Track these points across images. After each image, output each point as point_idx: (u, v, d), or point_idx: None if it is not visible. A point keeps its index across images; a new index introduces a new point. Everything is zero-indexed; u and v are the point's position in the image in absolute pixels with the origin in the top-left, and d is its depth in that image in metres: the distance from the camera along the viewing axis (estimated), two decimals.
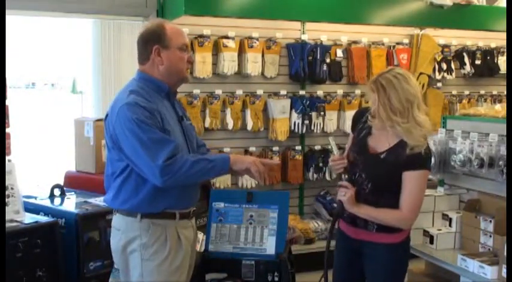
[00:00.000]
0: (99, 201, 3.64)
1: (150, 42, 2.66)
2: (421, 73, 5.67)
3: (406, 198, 2.78)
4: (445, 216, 3.65)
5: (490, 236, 3.33)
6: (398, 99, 2.70)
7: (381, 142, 2.86)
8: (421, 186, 2.80)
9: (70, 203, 3.77)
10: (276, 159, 5.07)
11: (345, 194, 2.83)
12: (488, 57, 6.05)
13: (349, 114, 5.32)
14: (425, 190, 2.88)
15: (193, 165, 2.53)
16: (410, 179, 2.76)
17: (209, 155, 2.67)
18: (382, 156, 2.83)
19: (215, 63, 5.00)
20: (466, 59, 5.94)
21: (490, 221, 3.34)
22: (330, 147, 3.03)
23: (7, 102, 3.40)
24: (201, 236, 3.35)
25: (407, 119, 2.72)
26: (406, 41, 5.71)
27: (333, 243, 3.02)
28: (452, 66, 5.93)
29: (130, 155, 2.55)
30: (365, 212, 2.84)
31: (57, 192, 3.91)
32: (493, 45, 6.08)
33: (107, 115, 2.68)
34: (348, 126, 5.03)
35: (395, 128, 2.74)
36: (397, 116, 2.71)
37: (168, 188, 2.57)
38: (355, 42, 5.50)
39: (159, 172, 2.48)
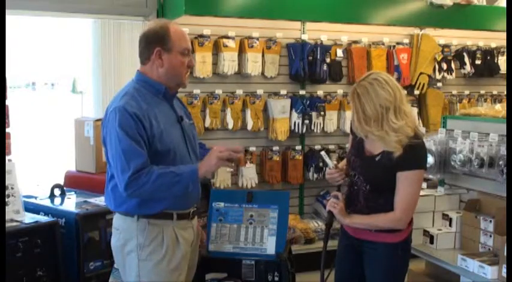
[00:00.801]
0: (99, 201, 3.64)
1: (153, 43, 2.65)
2: (421, 73, 5.67)
3: (399, 199, 2.79)
4: (445, 216, 3.65)
5: (490, 236, 3.33)
6: (373, 106, 2.72)
7: (375, 145, 2.88)
8: (413, 185, 2.80)
9: (70, 203, 3.77)
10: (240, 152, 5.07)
11: (335, 207, 2.85)
12: (489, 57, 6.05)
13: (349, 114, 5.31)
14: (419, 189, 2.88)
15: (157, 179, 2.51)
16: (403, 179, 2.78)
17: (178, 167, 2.62)
18: (377, 158, 2.86)
19: (215, 63, 5.00)
20: (466, 59, 5.94)
21: (490, 221, 3.34)
22: (321, 162, 3.03)
23: (7, 102, 3.40)
24: None
25: (382, 126, 2.73)
26: (406, 40, 5.71)
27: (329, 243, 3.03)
28: (453, 66, 5.93)
29: (110, 160, 2.59)
30: (358, 221, 2.87)
31: (57, 192, 3.91)
32: (493, 45, 6.08)
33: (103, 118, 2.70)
34: (347, 126, 5.03)
35: (370, 137, 2.78)
36: (370, 126, 2.73)
37: (135, 198, 2.58)
38: (355, 42, 5.50)
39: (125, 185, 2.50)
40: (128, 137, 2.50)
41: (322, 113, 5.31)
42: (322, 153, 3.11)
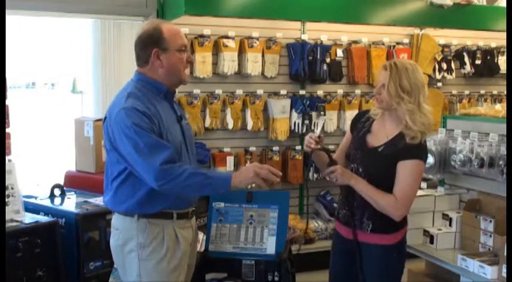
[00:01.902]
0: (99, 201, 3.64)
1: (149, 46, 2.65)
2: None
3: (398, 188, 2.79)
4: (445, 216, 3.65)
5: (490, 236, 3.33)
6: (409, 81, 2.79)
7: (379, 137, 2.90)
8: (414, 175, 2.81)
9: (70, 203, 3.77)
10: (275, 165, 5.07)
11: (336, 175, 2.82)
12: (489, 57, 6.04)
13: (349, 114, 5.32)
14: (419, 181, 2.88)
15: (190, 176, 2.50)
16: (404, 169, 2.78)
17: (210, 171, 2.62)
18: (379, 149, 2.87)
19: (215, 63, 5.00)
20: (466, 59, 5.94)
21: (490, 221, 3.34)
22: (315, 126, 3.03)
23: (7, 102, 3.40)
24: (201, 235, 3.35)
25: (414, 101, 2.79)
26: (406, 40, 5.71)
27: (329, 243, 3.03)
28: (453, 66, 5.93)
29: (128, 159, 2.55)
30: (361, 187, 2.83)
31: (57, 192, 3.91)
32: (493, 45, 6.08)
33: (105, 118, 2.68)
34: (347, 126, 5.03)
35: (401, 107, 2.78)
36: (405, 94, 2.78)
37: (164, 192, 2.57)
38: (355, 42, 5.50)
39: (155, 175, 2.48)
40: (146, 132, 2.51)
41: (322, 113, 5.31)
42: (322, 118, 3.09)
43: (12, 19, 4.27)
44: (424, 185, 3.90)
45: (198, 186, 2.54)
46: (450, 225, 3.61)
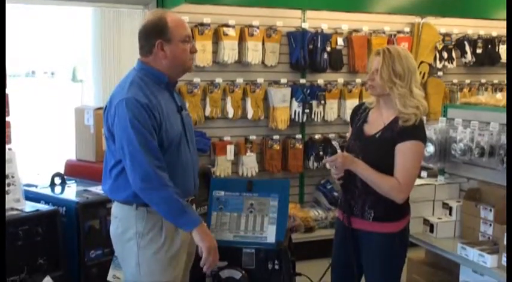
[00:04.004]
0: (99, 189, 3.64)
1: (153, 36, 2.64)
2: (422, 62, 5.65)
3: (399, 169, 2.79)
4: (445, 205, 3.65)
5: (490, 225, 3.34)
6: (402, 65, 2.82)
7: (376, 125, 2.91)
8: (413, 157, 2.81)
9: (70, 192, 3.77)
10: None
11: (337, 166, 2.83)
12: (490, 46, 6.03)
13: (350, 103, 5.32)
14: (419, 161, 2.89)
15: (171, 196, 2.54)
16: (402, 150, 2.79)
17: (188, 205, 2.64)
18: (376, 135, 2.88)
19: (215, 52, 4.99)
20: (467, 48, 5.92)
21: (490, 210, 3.34)
22: (331, 151, 3.03)
23: (7, 90, 3.39)
24: None
25: (406, 85, 2.81)
26: (407, 29, 5.69)
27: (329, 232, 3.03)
28: (453, 55, 5.92)
29: (121, 151, 2.56)
30: (363, 171, 2.83)
31: (57, 180, 3.91)
32: (494, 34, 6.06)
33: (106, 106, 2.68)
34: (348, 115, 5.02)
35: (393, 91, 2.80)
36: (397, 78, 2.80)
37: (140, 196, 2.57)
38: (355, 30, 5.48)
39: (143, 175, 2.50)
40: (144, 130, 2.51)
41: (322, 101, 5.30)
42: (335, 142, 3.09)
43: (12, 8, 4.26)
44: (424, 174, 3.90)
45: (171, 210, 2.58)
46: (450, 214, 3.61)
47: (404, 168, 2.79)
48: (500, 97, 3.72)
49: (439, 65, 5.85)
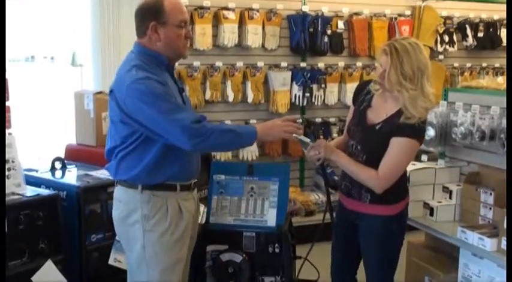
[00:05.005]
0: (100, 173, 3.65)
1: (147, 18, 2.61)
2: (423, 45, 5.62)
3: (385, 161, 2.77)
4: (446, 189, 3.65)
5: (490, 209, 3.34)
6: (411, 66, 2.71)
7: (379, 114, 2.87)
8: (403, 153, 2.79)
9: (71, 176, 3.77)
10: None
11: (319, 152, 2.82)
12: (491, 29, 6.01)
13: (350, 86, 5.31)
14: (408, 159, 2.87)
15: (220, 135, 2.56)
16: (395, 144, 2.76)
17: (236, 126, 2.72)
18: (377, 127, 2.84)
19: (215, 35, 4.97)
20: (469, 31, 5.90)
21: (490, 194, 3.34)
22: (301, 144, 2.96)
23: (7, 75, 3.38)
24: (202, 208, 3.36)
25: (416, 86, 2.73)
26: (408, 12, 5.67)
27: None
28: (455, 38, 5.89)
29: (152, 127, 2.53)
30: (343, 162, 2.85)
31: (58, 165, 3.91)
32: (496, 17, 6.04)
33: (111, 91, 2.65)
34: (348, 99, 5.02)
35: (403, 94, 2.73)
36: (407, 81, 2.71)
37: (197, 151, 2.65)
38: (356, 13, 5.46)
39: (189, 134, 2.49)
40: (168, 98, 2.53)
41: (323, 85, 5.29)
42: (295, 135, 2.91)
43: None
44: (424, 157, 3.91)
45: (228, 143, 2.66)
46: (450, 197, 3.61)
47: (390, 162, 2.77)
48: (502, 81, 3.70)
49: (440, 49, 5.83)
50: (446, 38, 5.82)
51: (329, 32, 5.31)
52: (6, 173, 3.18)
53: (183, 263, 2.77)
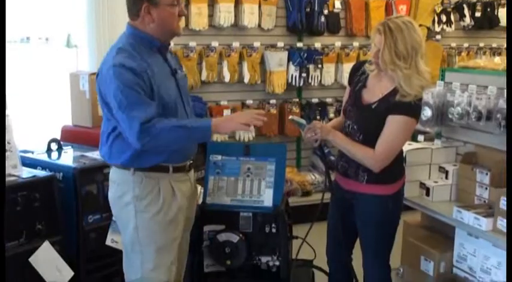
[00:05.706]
0: (96, 155, 3.64)
1: (139, 0, 2.59)
2: (420, 25, 5.57)
3: (382, 140, 2.77)
4: (442, 169, 3.67)
5: (486, 189, 3.36)
6: (405, 45, 2.70)
7: (374, 93, 2.87)
8: (399, 131, 2.78)
9: (67, 157, 3.77)
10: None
11: (316, 134, 2.82)
12: (489, 9, 5.98)
13: (347, 66, 5.29)
14: (405, 138, 2.86)
15: (171, 131, 2.53)
16: (391, 122, 2.76)
17: (190, 121, 2.66)
18: (373, 106, 2.84)
19: (211, 15, 4.93)
20: (466, 11, 5.87)
21: (486, 174, 3.36)
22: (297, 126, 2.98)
23: None
24: (199, 188, 3.37)
25: (410, 65, 2.72)
26: None
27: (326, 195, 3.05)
28: (452, 18, 5.86)
29: (116, 117, 2.56)
30: (339, 141, 2.86)
31: (54, 146, 3.90)
32: None
33: (97, 74, 2.67)
34: (345, 79, 5.00)
35: (397, 73, 2.73)
36: (400, 61, 2.71)
37: (148, 149, 2.57)
38: None
39: (137, 135, 2.48)
40: (131, 90, 2.49)
41: (319, 65, 5.27)
42: (291, 117, 3.00)
43: None
44: (421, 137, 3.91)
45: (180, 139, 2.59)
46: (446, 177, 3.63)
47: (387, 140, 2.77)
48: (499, 61, 3.69)
49: (437, 29, 5.81)
50: (444, 18, 5.80)
51: (326, 11, 5.28)
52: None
53: (177, 243, 2.78)
